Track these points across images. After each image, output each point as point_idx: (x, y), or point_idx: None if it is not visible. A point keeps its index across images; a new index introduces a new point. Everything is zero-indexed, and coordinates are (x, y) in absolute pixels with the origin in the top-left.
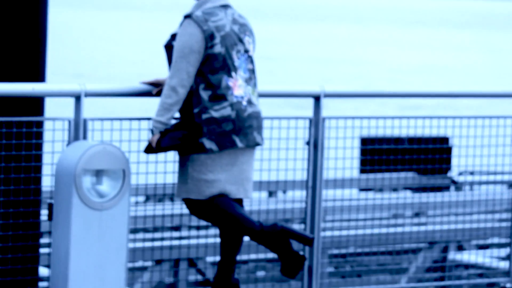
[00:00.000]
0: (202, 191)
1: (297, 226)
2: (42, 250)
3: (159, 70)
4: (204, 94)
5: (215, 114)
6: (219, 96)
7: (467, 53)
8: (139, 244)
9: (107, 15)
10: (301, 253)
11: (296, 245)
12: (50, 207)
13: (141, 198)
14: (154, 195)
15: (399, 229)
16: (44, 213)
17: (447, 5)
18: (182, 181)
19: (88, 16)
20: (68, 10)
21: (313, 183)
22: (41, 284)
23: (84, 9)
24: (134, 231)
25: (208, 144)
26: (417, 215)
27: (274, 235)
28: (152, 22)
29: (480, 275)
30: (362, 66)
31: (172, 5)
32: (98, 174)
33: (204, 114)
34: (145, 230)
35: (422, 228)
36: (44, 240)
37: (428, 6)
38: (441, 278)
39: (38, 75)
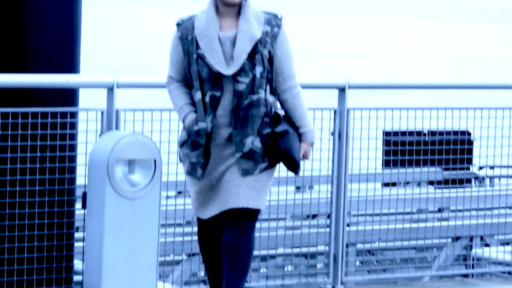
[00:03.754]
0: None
1: (322, 220)
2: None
3: None
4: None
5: None
6: None
7: (494, 46)
8: (169, 239)
9: (132, 7)
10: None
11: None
12: (84, 196)
13: (172, 193)
14: (185, 188)
15: (422, 225)
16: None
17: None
18: (266, 193)
19: (116, 8)
20: (93, 3)
21: (338, 174)
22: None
23: (110, 2)
24: (166, 225)
25: None
26: (439, 210)
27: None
28: (176, 14)
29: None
30: (389, 59)
31: None
32: (130, 163)
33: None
34: (177, 225)
35: (445, 223)
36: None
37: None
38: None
39: (72, 67)
